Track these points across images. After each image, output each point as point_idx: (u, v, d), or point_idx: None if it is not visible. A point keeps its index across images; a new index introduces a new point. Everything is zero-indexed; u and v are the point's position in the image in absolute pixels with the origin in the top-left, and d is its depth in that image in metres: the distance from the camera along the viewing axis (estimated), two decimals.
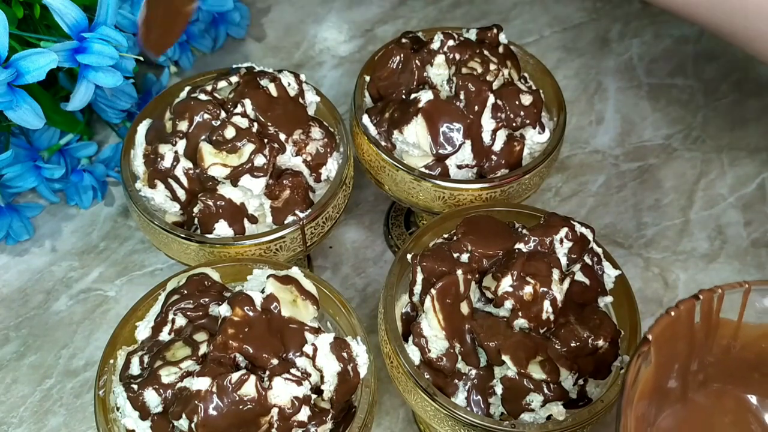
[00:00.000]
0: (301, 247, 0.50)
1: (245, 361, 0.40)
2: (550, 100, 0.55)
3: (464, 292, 0.44)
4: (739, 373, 0.40)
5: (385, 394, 0.54)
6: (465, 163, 0.51)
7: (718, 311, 0.38)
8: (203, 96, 0.50)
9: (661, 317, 0.37)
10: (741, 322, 0.39)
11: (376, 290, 0.60)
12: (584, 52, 0.75)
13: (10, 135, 0.59)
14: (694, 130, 0.70)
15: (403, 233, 0.62)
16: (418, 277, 0.45)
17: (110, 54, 0.48)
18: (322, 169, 0.51)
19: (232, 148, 0.47)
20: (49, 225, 0.62)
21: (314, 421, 0.39)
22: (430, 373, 0.44)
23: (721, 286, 0.38)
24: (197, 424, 0.37)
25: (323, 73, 0.73)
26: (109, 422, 0.40)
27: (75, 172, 0.61)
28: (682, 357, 0.39)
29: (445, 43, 0.53)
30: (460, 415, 0.42)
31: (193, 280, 0.43)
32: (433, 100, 0.50)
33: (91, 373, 0.55)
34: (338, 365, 0.40)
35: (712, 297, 0.38)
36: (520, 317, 0.43)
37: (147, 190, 0.49)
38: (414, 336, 0.44)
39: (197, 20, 0.68)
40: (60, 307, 0.59)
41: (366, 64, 0.56)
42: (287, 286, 0.42)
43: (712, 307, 0.38)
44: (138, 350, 0.42)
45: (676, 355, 0.38)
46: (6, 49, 0.46)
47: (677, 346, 0.38)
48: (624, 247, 0.62)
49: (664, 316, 0.37)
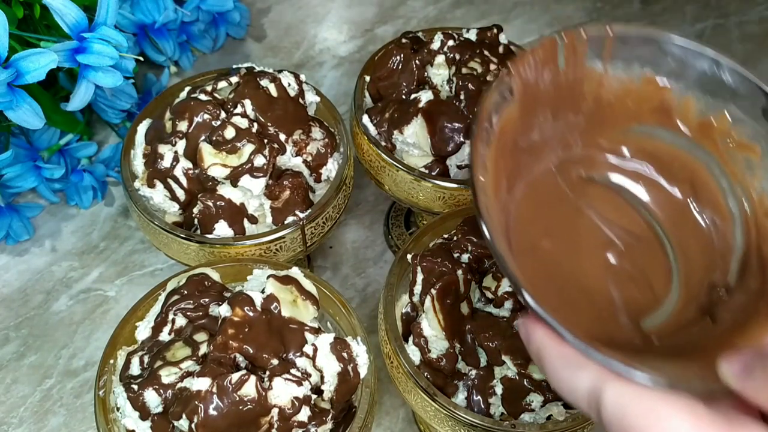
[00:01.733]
0: (301, 248, 0.50)
1: (245, 361, 0.40)
2: None
3: (464, 292, 0.44)
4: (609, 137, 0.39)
5: (385, 394, 0.54)
6: (465, 163, 0.51)
7: (583, 55, 0.36)
8: (203, 96, 0.50)
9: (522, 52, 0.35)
10: (606, 74, 0.37)
11: (376, 290, 0.60)
12: None
13: (10, 135, 0.59)
14: None
15: (403, 233, 0.62)
16: (418, 277, 0.45)
17: (110, 54, 0.48)
18: (322, 170, 0.51)
19: (232, 148, 0.47)
20: (49, 225, 0.62)
21: (314, 422, 0.39)
22: (430, 373, 0.44)
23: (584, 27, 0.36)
24: (197, 424, 0.37)
25: (323, 73, 0.73)
26: (109, 422, 0.40)
27: (75, 172, 0.61)
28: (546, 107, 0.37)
29: (445, 43, 0.53)
30: (460, 415, 0.42)
31: (193, 281, 0.43)
32: (433, 100, 0.51)
33: (91, 373, 0.55)
34: (338, 365, 0.40)
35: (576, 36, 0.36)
36: (520, 317, 0.43)
37: (146, 190, 0.49)
38: (414, 336, 0.44)
39: (197, 20, 0.68)
40: (60, 307, 0.59)
41: (366, 64, 0.56)
42: (287, 287, 0.42)
43: (577, 50, 0.36)
44: (138, 350, 0.42)
45: (540, 101, 0.36)
46: (6, 49, 0.46)
47: (541, 90, 0.36)
48: None
49: (526, 50, 0.35)
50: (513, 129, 0.35)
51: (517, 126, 0.35)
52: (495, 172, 0.34)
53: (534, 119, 0.37)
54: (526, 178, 0.37)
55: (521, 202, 0.37)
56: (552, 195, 0.38)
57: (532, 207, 0.37)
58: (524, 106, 0.35)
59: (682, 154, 0.38)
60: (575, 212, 0.38)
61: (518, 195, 0.37)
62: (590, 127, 0.39)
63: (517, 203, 0.37)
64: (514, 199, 0.37)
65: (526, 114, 0.36)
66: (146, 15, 0.64)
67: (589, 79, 0.37)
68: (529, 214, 0.37)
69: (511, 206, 0.36)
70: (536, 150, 0.38)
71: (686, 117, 0.38)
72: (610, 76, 0.37)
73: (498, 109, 0.34)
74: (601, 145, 0.39)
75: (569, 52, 0.36)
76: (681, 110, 0.38)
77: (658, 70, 0.37)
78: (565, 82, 0.37)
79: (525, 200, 0.37)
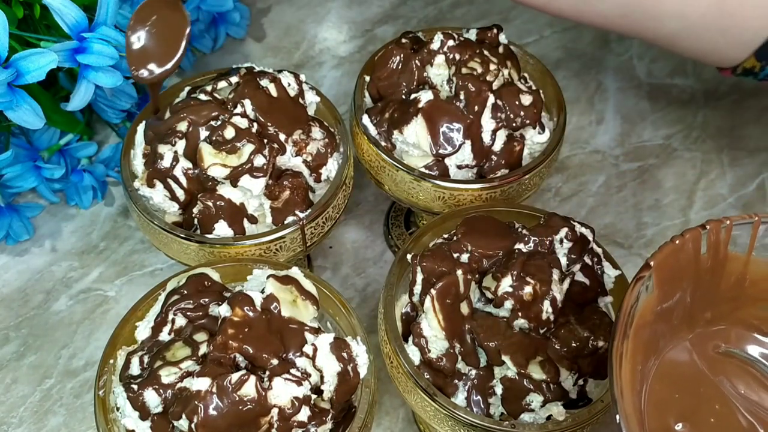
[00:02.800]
0: (301, 247, 0.50)
1: (245, 361, 0.40)
2: (550, 100, 0.55)
3: (464, 292, 0.44)
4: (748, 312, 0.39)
5: (385, 394, 0.54)
6: (465, 163, 0.51)
7: (726, 243, 0.36)
8: (203, 96, 0.50)
9: (665, 244, 0.35)
10: (750, 256, 0.37)
11: (376, 290, 0.60)
12: (584, 52, 0.75)
13: (10, 135, 0.59)
14: (694, 130, 0.70)
15: (403, 233, 0.62)
16: (418, 277, 0.45)
17: (110, 54, 0.48)
18: (322, 170, 0.51)
19: (232, 148, 0.47)
20: (49, 225, 0.62)
21: (314, 422, 0.39)
22: (430, 373, 0.44)
23: (730, 217, 0.36)
24: (197, 424, 0.37)
25: (323, 73, 0.73)
26: (109, 422, 0.40)
27: (75, 172, 0.61)
28: (686, 290, 0.37)
29: (445, 43, 0.53)
30: (460, 415, 0.42)
31: (193, 280, 0.43)
32: (433, 100, 0.50)
33: (91, 373, 0.55)
34: (338, 365, 0.40)
35: (720, 227, 0.36)
36: (519, 317, 0.43)
37: (145, 189, 0.49)
38: (414, 336, 0.44)
39: (197, 20, 0.68)
40: (60, 307, 0.59)
41: (366, 64, 0.56)
42: (287, 286, 0.42)
43: (720, 239, 0.36)
44: (138, 350, 0.42)
45: (679, 286, 0.36)
46: (6, 49, 0.46)
47: (681, 277, 0.36)
48: (624, 248, 0.62)
49: (668, 243, 0.35)
50: (650, 319, 0.35)
51: (653, 315, 0.35)
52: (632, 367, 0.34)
53: (672, 304, 0.37)
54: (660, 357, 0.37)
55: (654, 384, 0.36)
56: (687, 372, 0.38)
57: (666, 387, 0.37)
58: (662, 294, 0.35)
59: None
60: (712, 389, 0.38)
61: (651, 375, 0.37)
62: (730, 304, 0.38)
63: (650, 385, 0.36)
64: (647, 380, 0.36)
65: (664, 301, 0.36)
66: None
67: (732, 260, 0.37)
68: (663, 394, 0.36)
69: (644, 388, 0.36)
70: (671, 330, 0.38)
71: None
72: (754, 257, 0.37)
73: (637, 302, 0.34)
74: (741, 320, 0.39)
75: (712, 240, 0.36)
76: None
77: None
78: (706, 266, 0.37)
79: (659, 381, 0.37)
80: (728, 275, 0.38)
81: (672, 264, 0.35)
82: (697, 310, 0.38)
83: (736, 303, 0.39)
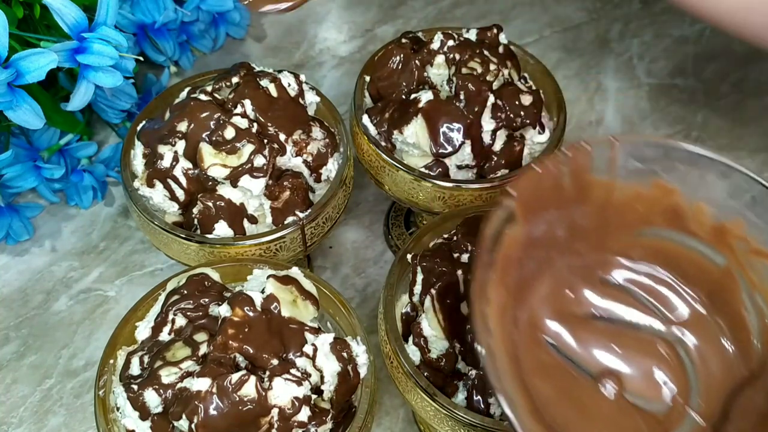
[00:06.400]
0: (301, 248, 0.50)
1: (245, 361, 0.40)
2: (550, 100, 0.55)
3: (464, 292, 0.44)
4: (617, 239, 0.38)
5: (385, 394, 0.54)
6: (465, 163, 0.51)
7: (587, 168, 0.36)
8: (203, 96, 0.50)
9: (524, 172, 0.34)
10: (613, 182, 0.36)
11: (376, 290, 0.60)
12: (584, 52, 0.75)
13: (10, 135, 0.59)
14: (694, 130, 0.70)
15: (403, 233, 0.62)
16: (418, 277, 0.45)
17: (110, 54, 0.48)
18: (322, 170, 0.51)
19: (232, 148, 0.47)
20: (49, 225, 0.62)
21: (314, 422, 0.39)
22: (430, 373, 0.44)
23: (589, 141, 0.35)
24: (197, 424, 0.37)
25: (323, 73, 0.73)
26: (109, 422, 0.40)
27: (75, 172, 0.61)
28: (553, 221, 0.36)
29: (445, 43, 0.53)
30: (460, 415, 0.42)
31: (193, 281, 0.43)
32: (433, 100, 0.50)
33: (91, 373, 0.55)
34: (338, 365, 0.40)
35: (579, 151, 0.35)
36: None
37: (145, 189, 0.49)
38: (414, 336, 0.44)
39: (197, 20, 0.68)
40: (60, 307, 0.59)
41: (366, 64, 0.56)
42: (287, 286, 0.42)
43: (580, 163, 0.36)
44: (138, 350, 0.42)
45: (545, 217, 0.36)
46: (6, 49, 0.46)
47: (545, 207, 0.36)
48: None
49: (527, 170, 0.34)
50: (516, 250, 0.34)
51: (520, 246, 0.35)
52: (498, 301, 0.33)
53: (539, 235, 0.36)
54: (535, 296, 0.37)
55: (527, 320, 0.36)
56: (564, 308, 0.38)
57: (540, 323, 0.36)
58: (528, 226, 0.35)
59: (698, 259, 0.38)
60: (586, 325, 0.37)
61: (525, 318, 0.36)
62: (599, 232, 0.38)
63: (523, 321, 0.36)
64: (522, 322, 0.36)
65: (530, 232, 0.35)
66: (146, 15, 0.63)
67: (596, 186, 0.37)
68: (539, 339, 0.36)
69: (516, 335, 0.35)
70: (542, 266, 0.37)
71: (699, 221, 0.37)
72: (617, 183, 0.37)
73: (500, 234, 0.33)
74: (611, 248, 0.39)
75: (573, 167, 0.36)
76: (694, 215, 0.37)
77: (668, 175, 0.37)
78: (570, 194, 0.36)
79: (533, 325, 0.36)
80: (593, 203, 0.37)
81: (534, 192, 0.35)
82: (567, 241, 0.38)
83: (603, 231, 0.38)
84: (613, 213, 0.38)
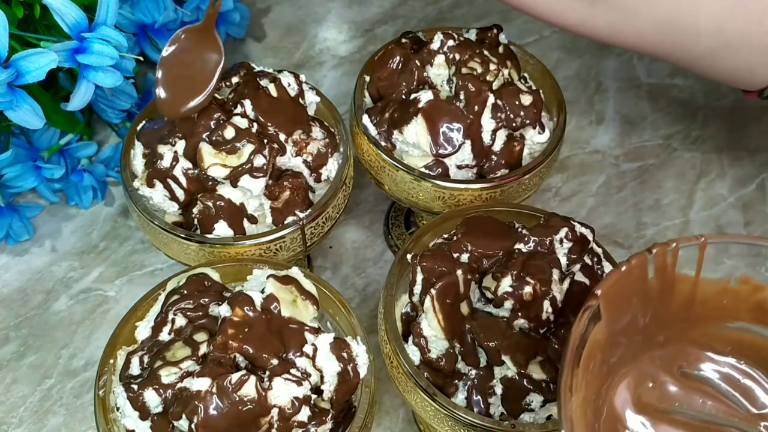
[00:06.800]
0: (301, 247, 0.50)
1: (245, 361, 0.40)
2: (550, 100, 0.55)
3: (464, 292, 0.44)
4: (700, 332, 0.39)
5: (385, 394, 0.54)
6: (465, 163, 0.51)
7: (673, 266, 0.36)
8: None
9: (612, 272, 0.35)
10: (699, 277, 0.37)
11: (376, 290, 0.60)
12: (584, 52, 0.75)
13: (10, 135, 0.59)
14: (694, 130, 0.70)
15: (403, 233, 0.62)
16: (418, 277, 0.45)
17: (110, 54, 0.48)
18: (323, 170, 0.51)
19: (232, 148, 0.47)
20: (49, 225, 0.62)
21: (314, 422, 0.39)
22: (430, 373, 0.44)
23: (676, 240, 0.36)
24: (197, 424, 0.37)
25: (323, 73, 0.73)
26: (109, 422, 0.40)
27: (75, 172, 0.61)
28: (636, 314, 0.37)
29: (445, 43, 0.53)
30: (460, 415, 0.42)
31: (193, 280, 0.43)
32: (433, 100, 0.50)
33: (91, 373, 0.55)
34: (338, 365, 0.40)
35: (666, 250, 0.36)
36: (519, 317, 0.43)
37: (145, 189, 0.49)
38: (414, 336, 0.44)
39: (197, 20, 0.68)
40: (60, 307, 0.59)
41: (366, 64, 0.56)
42: (287, 286, 0.42)
43: (667, 262, 0.36)
44: (138, 350, 0.42)
45: (628, 311, 0.36)
46: (6, 49, 0.46)
47: (630, 303, 0.36)
48: (624, 248, 0.62)
49: (615, 271, 0.35)
50: (600, 345, 0.35)
51: (604, 341, 0.35)
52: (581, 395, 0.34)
53: (622, 328, 0.37)
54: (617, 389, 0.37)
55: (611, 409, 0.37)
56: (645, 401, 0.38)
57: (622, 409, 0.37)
58: (611, 322, 0.35)
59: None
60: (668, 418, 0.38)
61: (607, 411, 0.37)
62: (683, 324, 0.38)
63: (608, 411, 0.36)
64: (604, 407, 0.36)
65: (613, 329, 0.36)
66: (146, 15, 0.63)
67: (681, 282, 0.37)
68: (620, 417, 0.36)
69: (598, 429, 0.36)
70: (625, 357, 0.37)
71: None
72: (703, 278, 0.37)
73: (586, 332, 0.34)
74: (694, 340, 0.39)
75: (659, 264, 0.36)
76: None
77: (757, 272, 0.37)
78: (654, 289, 0.37)
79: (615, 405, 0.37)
80: (678, 296, 0.38)
81: (619, 291, 0.35)
82: (650, 333, 0.38)
83: (687, 324, 0.39)
84: (698, 306, 0.38)
